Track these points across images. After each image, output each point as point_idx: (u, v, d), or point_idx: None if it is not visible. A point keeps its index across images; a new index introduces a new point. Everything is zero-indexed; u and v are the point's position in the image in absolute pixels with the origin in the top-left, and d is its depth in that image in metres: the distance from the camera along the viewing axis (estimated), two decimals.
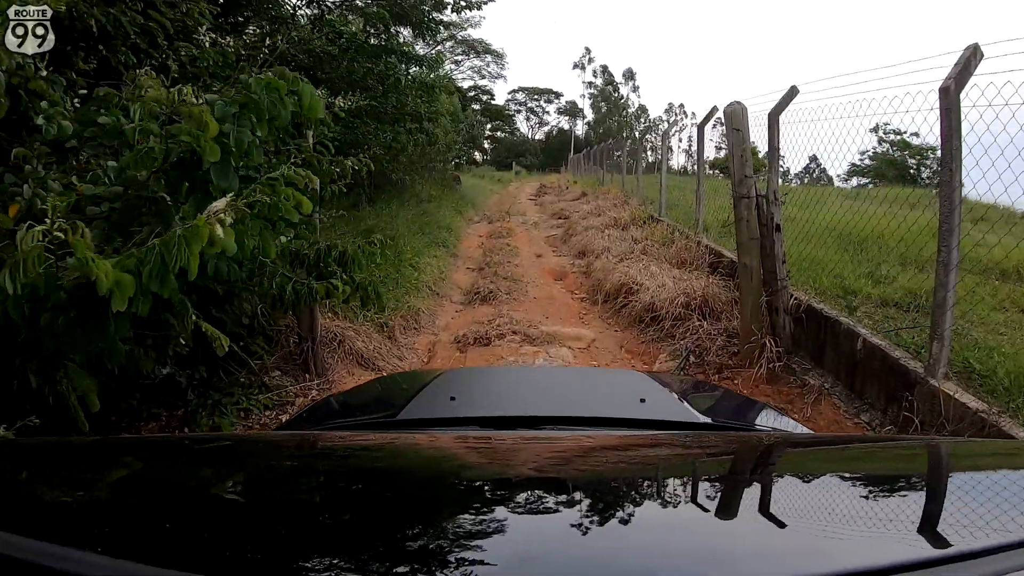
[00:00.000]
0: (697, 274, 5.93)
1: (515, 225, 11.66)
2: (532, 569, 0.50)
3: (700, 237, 6.90)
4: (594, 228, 9.34)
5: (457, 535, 0.56)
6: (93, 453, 0.89)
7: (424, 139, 7.99)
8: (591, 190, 16.41)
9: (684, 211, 8.92)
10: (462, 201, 13.75)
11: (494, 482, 0.78)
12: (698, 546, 0.57)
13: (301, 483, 0.78)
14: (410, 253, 6.69)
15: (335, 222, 6.50)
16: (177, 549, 0.52)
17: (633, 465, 0.90)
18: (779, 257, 4.19)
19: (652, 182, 11.72)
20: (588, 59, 62.61)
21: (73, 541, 0.51)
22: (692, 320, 4.98)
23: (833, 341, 3.93)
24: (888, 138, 16.83)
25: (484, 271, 7.37)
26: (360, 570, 0.50)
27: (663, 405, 1.42)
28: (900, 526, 0.61)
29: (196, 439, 1.56)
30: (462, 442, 1.03)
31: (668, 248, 7.12)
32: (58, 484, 0.73)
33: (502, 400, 1.51)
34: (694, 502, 0.70)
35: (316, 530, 0.57)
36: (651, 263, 6.51)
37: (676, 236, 7.22)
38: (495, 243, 9.36)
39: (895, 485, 0.79)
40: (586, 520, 0.61)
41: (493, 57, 35.45)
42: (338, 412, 1.68)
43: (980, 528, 0.58)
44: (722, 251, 6.09)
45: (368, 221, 7.15)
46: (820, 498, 0.71)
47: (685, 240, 6.87)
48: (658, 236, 7.63)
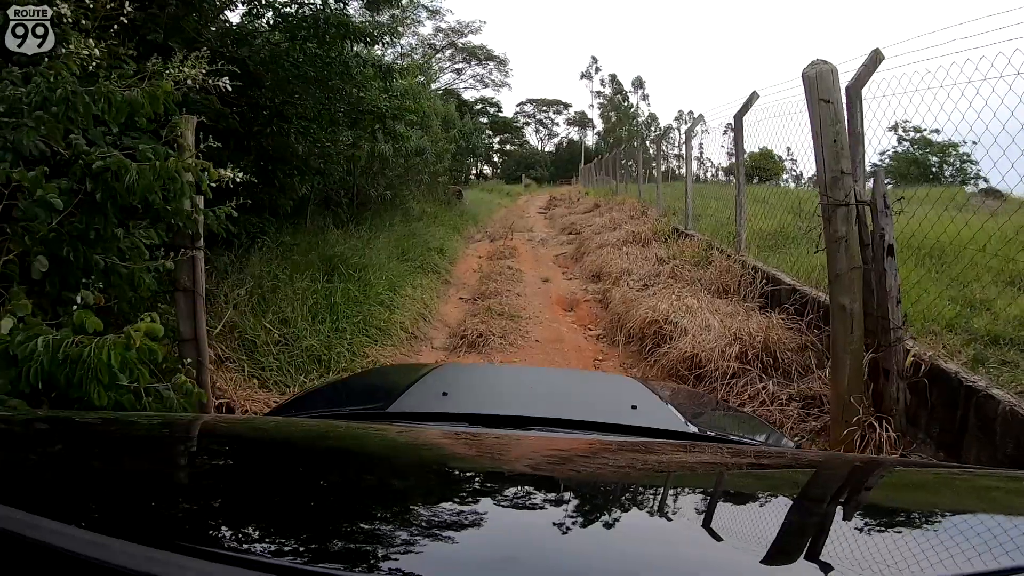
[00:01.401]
0: (747, 308, 4.56)
1: (520, 243, 10.33)
2: (510, 567, 0.50)
3: (743, 256, 5.52)
4: (610, 245, 8.01)
5: (437, 528, 0.55)
6: (81, 430, 0.87)
7: (391, 146, 6.69)
8: (604, 201, 15.15)
9: (714, 223, 7.57)
10: (462, 218, 12.45)
11: (478, 479, 0.78)
12: (677, 555, 0.56)
13: (283, 469, 0.76)
14: (384, 286, 5.41)
15: (284, 250, 5.27)
16: (155, 527, 0.52)
17: (618, 471, 0.89)
18: (892, 295, 2.82)
19: (672, 191, 10.37)
20: (595, 68, 61.91)
21: (63, 515, 0.50)
22: (751, 376, 3.62)
23: (982, 424, 2.55)
24: (908, 136, 16.31)
25: (477, 303, 6.05)
26: (334, 555, 0.49)
27: (654, 413, 1.41)
28: (885, 547, 0.58)
29: (179, 420, 1.40)
30: (449, 437, 1.04)
31: (703, 270, 5.76)
32: (46, 460, 0.71)
33: (493, 398, 1.53)
34: (676, 511, 0.69)
35: (294, 515, 0.57)
36: (684, 291, 5.15)
37: (712, 255, 5.85)
38: (496, 266, 8.05)
39: (882, 504, 0.77)
40: (567, 522, 0.60)
41: (496, 64, 34.10)
42: (328, 401, 1.66)
43: (976, 552, 0.56)
44: (778, 276, 4.71)
45: (336, 247, 5.89)
46: (802, 515, 0.70)
47: (724, 260, 5.50)
48: (689, 255, 6.26)
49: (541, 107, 62.92)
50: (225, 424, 1.25)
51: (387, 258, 6.49)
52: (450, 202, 13.55)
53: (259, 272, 4.40)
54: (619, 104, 60.95)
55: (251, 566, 0.44)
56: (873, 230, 2.91)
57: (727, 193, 8.80)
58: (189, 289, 2.67)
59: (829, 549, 0.57)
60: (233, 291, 4.06)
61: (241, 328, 3.71)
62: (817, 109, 2.81)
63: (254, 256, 4.66)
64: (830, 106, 2.80)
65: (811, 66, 2.85)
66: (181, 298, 2.69)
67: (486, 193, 25.68)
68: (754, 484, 0.86)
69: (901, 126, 13.39)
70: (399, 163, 7.94)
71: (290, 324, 4.04)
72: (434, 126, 9.52)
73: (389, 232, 7.69)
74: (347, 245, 6.06)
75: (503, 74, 35.16)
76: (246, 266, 4.39)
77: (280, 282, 4.54)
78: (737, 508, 0.72)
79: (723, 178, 25.06)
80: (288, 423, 1.14)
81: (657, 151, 10.20)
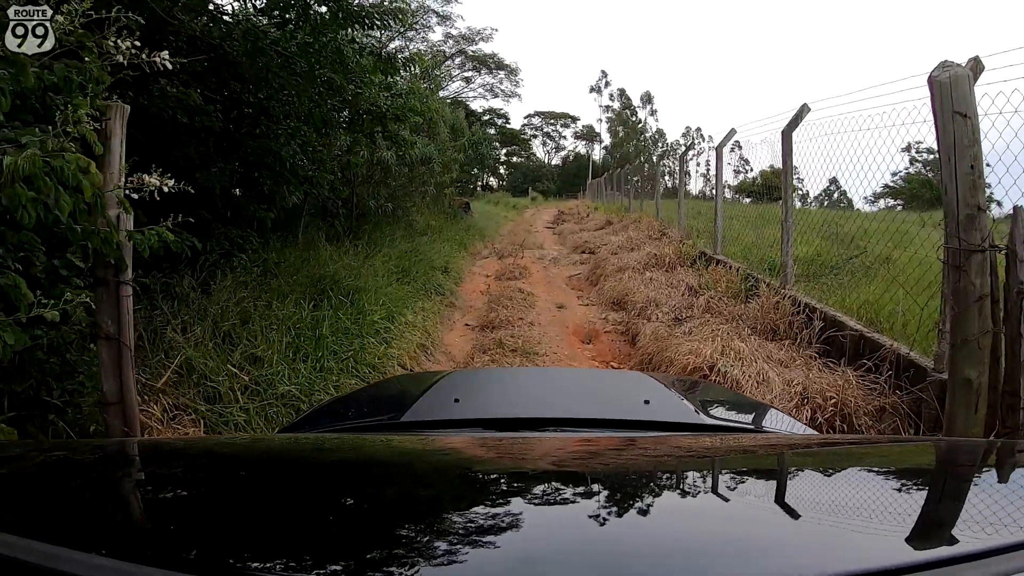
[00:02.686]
0: (805, 357, 3.87)
1: (530, 262, 9.64)
2: (535, 569, 0.49)
3: (790, 290, 4.84)
4: (630, 268, 7.32)
5: (461, 535, 0.55)
6: (100, 456, 0.88)
7: (394, 152, 6.00)
8: (616, 218, 14.51)
9: (745, 247, 6.90)
10: (469, 232, 11.77)
11: (497, 483, 0.77)
12: (705, 547, 0.55)
13: (304, 485, 0.76)
14: (380, 313, 4.73)
15: (267, 269, 4.60)
16: (180, 551, 0.52)
17: (638, 467, 0.88)
18: None
19: (694, 210, 9.71)
20: (605, 82, 61.50)
21: (79, 543, 0.50)
22: None
23: None
24: (921, 157, 16.21)
25: (486, 334, 5.37)
26: (362, 569, 0.49)
27: (667, 407, 1.39)
28: (906, 526, 0.60)
29: (198, 442, 1.48)
30: (465, 443, 1.04)
31: (743, 304, 5.08)
32: (63, 486, 0.70)
33: (506, 402, 1.51)
34: (701, 503, 0.69)
35: (319, 531, 0.57)
36: (725, 328, 4.46)
37: (756, 288, 5.16)
38: (505, 287, 7.36)
39: (901, 485, 0.77)
40: (591, 521, 0.59)
41: (506, 73, 33.26)
42: (342, 414, 1.63)
43: (988, 527, 0.56)
44: (839, 318, 4.02)
45: (328, 266, 5.22)
46: (826, 498, 0.70)
47: (770, 294, 4.80)
48: (725, 285, 5.58)
49: (549, 120, 62.63)
50: (251, 444, 1.22)
51: (386, 279, 5.82)
52: (456, 215, 12.89)
53: (227, 299, 3.72)
54: (627, 119, 60.64)
55: None
56: (1007, 283, 2.24)
57: (745, 213, 8.13)
58: (112, 336, 1.99)
59: (889, 521, 0.59)
60: (195, 324, 3.39)
61: (201, 371, 3.02)
62: (950, 125, 2.15)
63: (228, 278, 3.99)
64: (967, 122, 2.13)
65: (941, 68, 2.19)
66: (103, 349, 2.01)
67: (492, 206, 25.08)
68: (777, 470, 0.84)
69: (914, 147, 13.07)
70: (403, 172, 7.28)
71: (264, 364, 3.35)
72: (442, 133, 8.86)
73: (391, 248, 7.02)
74: (341, 264, 5.39)
75: (513, 84, 34.19)
76: (213, 291, 3.71)
77: (257, 310, 3.86)
78: (758, 496, 0.71)
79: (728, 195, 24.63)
80: (304, 440, 1.12)
81: (680, 167, 9.53)
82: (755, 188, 15.15)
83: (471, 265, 9.32)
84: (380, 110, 4.04)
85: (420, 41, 23.02)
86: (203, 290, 3.85)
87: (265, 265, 4.86)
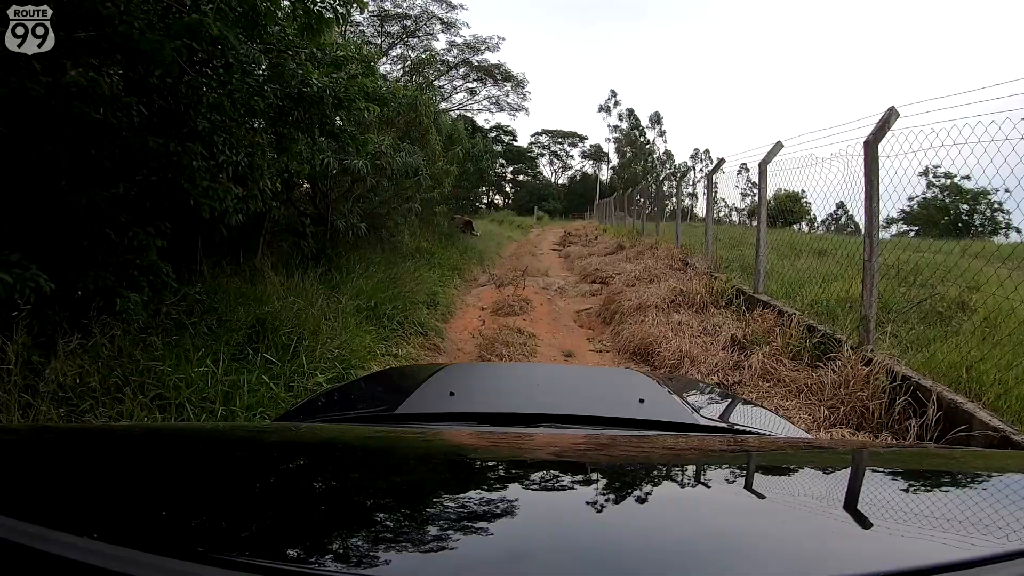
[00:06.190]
0: None
1: (533, 292, 8.42)
2: (525, 560, 0.49)
3: (875, 353, 3.60)
4: (653, 307, 6.10)
5: (452, 526, 0.55)
6: (93, 441, 0.87)
7: (366, 161, 4.80)
8: (628, 242, 13.34)
9: (789, 284, 5.70)
10: (465, 255, 10.55)
11: (490, 476, 0.76)
12: (694, 547, 0.55)
13: (296, 474, 0.76)
14: (329, 371, 3.52)
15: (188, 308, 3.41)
16: (171, 535, 0.51)
17: (630, 465, 0.86)
18: None
19: (726, 236, 8.53)
20: (614, 102, 60.91)
21: (76, 527, 0.49)
22: None
23: None
24: (938, 182, 15.51)
25: None
26: (349, 558, 0.48)
27: (662, 406, 1.38)
28: (899, 530, 0.58)
29: (193, 429, 1.48)
30: (458, 437, 1.04)
31: (807, 369, 3.84)
32: (58, 471, 0.69)
33: (501, 397, 1.50)
34: (689, 499, 0.69)
35: (308, 520, 0.57)
36: (794, 407, 3.23)
37: (826, 346, 3.93)
38: (502, 326, 6.13)
39: (895, 489, 0.76)
40: (581, 515, 0.59)
41: (513, 85, 31.76)
42: (336, 405, 1.62)
43: (977, 535, 0.55)
44: (959, 403, 2.79)
45: (275, 301, 4.02)
46: (818, 501, 0.69)
47: (855, 361, 3.57)
48: (780, 340, 4.33)
49: (556, 138, 61.89)
50: (245, 432, 1.21)
51: (353, 318, 4.63)
52: (453, 235, 11.69)
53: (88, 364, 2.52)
54: (635, 139, 59.90)
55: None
56: None
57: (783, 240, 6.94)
58: None
59: (878, 525, 0.58)
60: (40, 403, 2.20)
61: None
62: None
63: (103, 330, 2.79)
64: None
65: None
66: None
67: (496, 225, 23.99)
68: (771, 471, 0.83)
69: (932, 171, 12.25)
70: (384, 185, 6.09)
71: None
72: (433, 142, 7.66)
73: (366, 276, 5.83)
74: (289, 299, 4.19)
75: (520, 97, 32.45)
76: (60, 353, 2.51)
77: (136, 376, 2.67)
78: (750, 498, 0.70)
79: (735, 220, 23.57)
80: (297, 430, 1.12)
81: (708, 188, 8.33)
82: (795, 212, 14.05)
83: (465, 294, 8.12)
84: (313, 91, 2.85)
85: (423, 50, 22.10)
86: (65, 347, 2.66)
87: (187, 304, 3.69)
